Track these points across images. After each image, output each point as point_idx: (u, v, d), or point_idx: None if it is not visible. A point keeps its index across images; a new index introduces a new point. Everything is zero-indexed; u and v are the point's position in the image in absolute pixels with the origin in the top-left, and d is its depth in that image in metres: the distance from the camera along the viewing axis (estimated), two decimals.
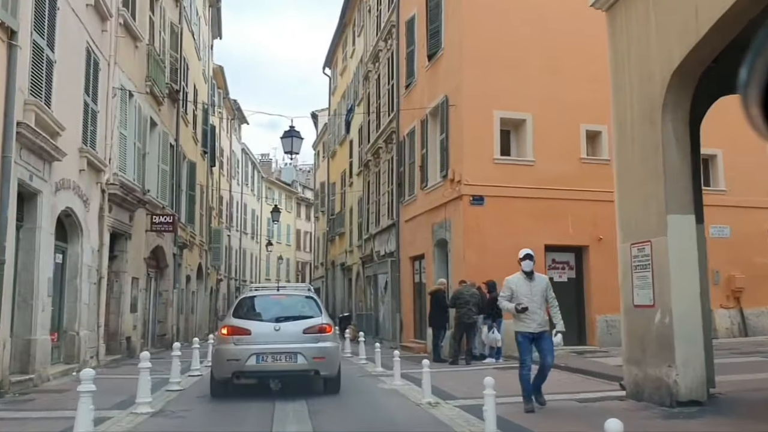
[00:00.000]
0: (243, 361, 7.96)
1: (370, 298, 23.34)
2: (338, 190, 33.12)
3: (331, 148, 35.46)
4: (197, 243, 26.06)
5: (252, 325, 8.34)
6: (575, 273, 15.65)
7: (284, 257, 54.87)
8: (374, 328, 21.62)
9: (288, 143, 14.17)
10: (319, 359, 8.17)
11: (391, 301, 19.87)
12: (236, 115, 42.61)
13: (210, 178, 31.03)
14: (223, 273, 38.20)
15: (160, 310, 19.50)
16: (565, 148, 15.33)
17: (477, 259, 14.53)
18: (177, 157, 20.65)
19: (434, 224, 16.46)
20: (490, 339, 13.21)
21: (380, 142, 22.13)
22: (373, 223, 23.58)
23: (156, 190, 17.70)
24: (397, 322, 19.47)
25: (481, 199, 14.74)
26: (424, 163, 17.35)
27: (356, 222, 27.80)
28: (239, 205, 44.70)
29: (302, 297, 9.30)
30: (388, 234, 21.03)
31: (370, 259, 23.62)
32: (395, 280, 19.75)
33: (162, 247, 18.67)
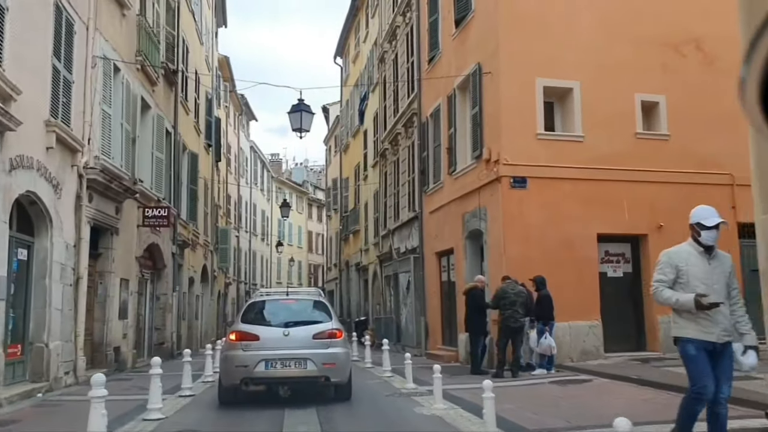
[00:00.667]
0: (251, 368, 7.78)
1: (389, 300, 21.24)
2: (352, 186, 31.05)
3: (343, 142, 33.41)
4: (201, 243, 24.08)
5: (260, 330, 8.13)
6: (631, 266, 13.45)
7: (296, 260, 52.91)
8: (395, 334, 19.51)
9: (296, 119, 12.11)
10: (329, 365, 7.96)
11: (414, 303, 17.75)
12: (244, 110, 40.69)
13: (215, 174, 29.09)
14: (232, 276, 36.25)
15: (158, 316, 17.51)
16: (618, 121, 13.16)
17: (519, 252, 12.40)
18: (175, 147, 18.67)
19: (465, 213, 14.34)
20: (543, 346, 11.05)
21: (399, 127, 20.05)
22: (391, 218, 21.49)
23: (150, 181, 15.71)
24: (421, 326, 17.35)
25: (524, 181, 12.61)
26: (452, 145, 15.23)
27: (372, 218, 25.72)
28: (248, 206, 42.77)
29: (312, 301, 9.05)
30: (410, 228, 18.93)
31: (388, 258, 21.53)
32: (419, 279, 17.64)
33: (158, 245, 16.67)
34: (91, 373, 11.63)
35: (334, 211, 36.79)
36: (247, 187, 42.31)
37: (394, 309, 20.26)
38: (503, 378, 10.75)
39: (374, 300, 25.31)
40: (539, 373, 11.03)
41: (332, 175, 37.66)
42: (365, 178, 27.27)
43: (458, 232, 14.70)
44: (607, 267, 13.24)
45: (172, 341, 18.28)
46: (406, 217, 19.29)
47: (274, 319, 8.51)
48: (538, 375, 10.93)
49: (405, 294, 18.78)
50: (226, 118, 34.40)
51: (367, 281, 26.88)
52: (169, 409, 7.99)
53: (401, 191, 20.03)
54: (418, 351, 17.33)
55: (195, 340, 22.91)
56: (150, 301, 17.13)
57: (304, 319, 8.43)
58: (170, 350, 18.03)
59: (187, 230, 20.80)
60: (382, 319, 21.66)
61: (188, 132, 21.27)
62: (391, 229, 21.23)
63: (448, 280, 15.89)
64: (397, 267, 19.81)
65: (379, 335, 21.37)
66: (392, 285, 20.63)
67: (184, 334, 20.81)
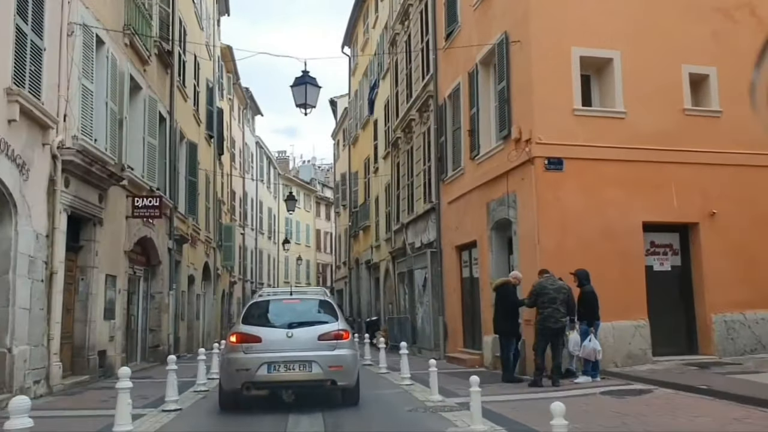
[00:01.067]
0: (253, 371, 7.42)
1: (403, 299, 19.76)
2: (361, 180, 29.60)
3: (352, 134, 31.96)
4: (202, 239, 22.69)
5: (263, 331, 7.74)
6: (680, 259, 11.91)
7: (304, 259, 51.51)
8: (410, 335, 18.02)
9: (301, 93, 10.63)
10: (336, 368, 7.59)
11: (431, 302, 16.26)
12: (249, 104, 39.28)
13: (218, 168, 27.71)
14: (238, 275, 34.88)
15: (153, 317, 16.10)
16: (664, 96, 11.63)
17: (555, 243, 10.89)
18: (172, 134, 17.27)
19: (491, 202, 12.84)
20: (587, 350, 9.53)
21: (413, 113, 18.57)
22: (404, 211, 20.01)
23: (141, 168, 14.31)
24: (439, 327, 15.86)
25: (560, 162, 11.10)
26: (474, 126, 13.73)
27: (383, 213, 24.26)
28: (254, 203, 41.40)
29: (317, 301, 8.63)
30: (426, 221, 17.45)
31: (402, 253, 20.06)
32: (436, 275, 16.15)
33: (151, 239, 15.26)
34: (70, 381, 10.34)
35: (343, 207, 35.36)
36: (253, 184, 40.95)
37: (409, 308, 18.78)
38: (542, 387, 9.25)
39: (386, 299, 23.83)
40: (583, 381, 9.51)
41: (341, 169, 36.21)
42: (375, 170, 25.81)
43: (482, 223, 13.20)
44: (653, 260, 11.70)
45: (169, 344, 16.87)
46: (421, 210, 17.81)
47: (277, 319, 8.09)
48: (583, 383, 9.42)
49: (421, 292, 17.29)
50: (230, 111, 33.04)
51: (379, 279, 25.42)
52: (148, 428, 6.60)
53: (416, 182, 18.55)
54: (436, 354, 15.84)
55: (196, 342, 21.52)
56: (143, 301, 15.73)
57: (308, 320, 8.01)
58: (167, 353, 16.61)
59: (186, 225, 19.41)
60: (396, 319, 20.19)
61: (187, 120, 19.88)
62: (404, 223, 19.76)
63: (470, 276, 14.40)
64: (411, 263, 18.32)
65: (393, 336, 19.92)
66: (406, 282, 19.15)
67: (183, 336, 19.42)
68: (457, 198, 14.77)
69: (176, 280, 18.04)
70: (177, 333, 18.32)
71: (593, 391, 8.51)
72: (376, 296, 26.29)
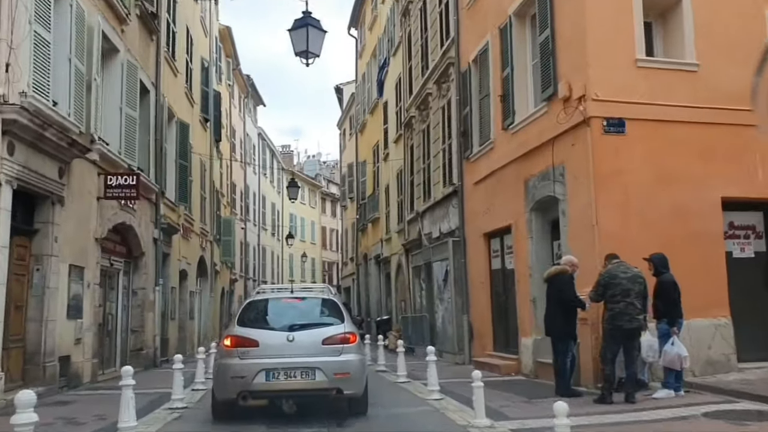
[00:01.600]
0: (249, 379, 6.65)
1: (419, 296, 17.69)
2: (370, 169, 27.53)
3: (359, 121, 29.89)
4: (197, 231, 20.68)
5: (260, 334, 6.99)
6: (765, 243, 9.80)
7: (309, 256, 49.51)
8: (428, 335, 15.95)
9: (301, 38, 8.57)
10: (342, 375, 6.78)
11: (453, 299, 14.18)
12: (250, 93, 37.24)
13: (216, 156, 25.72)
14: (239, 272, 32.91)
15: (135, 316, 14.08)
16: (744, 46, 9.50)
17: (617, 224, 8.81)
18: (158, 110, 15.26)
19: (530, 178, 10.76)
20: (670, 355, 7.42)
21: (429, 86, 16.51)
22: (419, 198, 17.96)
23: (118, 143, 12.29)
24: (463, 327, 13.79)
25: (621, 123, 9.01)
26: (508, 90, 11.65)
27: (394, 202, 22.20)
28: (256, 197, 39.42)
29: (320, 300, 7.82)
30: (445, 207, 15.39)
31: (417, 245, 18.00)
32: (459, 268, 14.07)
33: (131, 226, 13.24)
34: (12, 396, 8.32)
35: (350, 200, 33.29)
36: (254, 177, 38.98)
37: (427, 306, 16.70)
38: (612, 404, 7.17)
39: (399, 296, 21.77)
40: (664, 396, 7.42)
41: (347, 160, 34.12)
42: (386, 157, 23.74)
43: (518, 204, 11.13)
44: (733, 244, 9.59)
45: (155, 346, 14.83)
46: (440, 195, 15.74)
47: (276, 321, 7.40)
48: (664, 399, 7.34)
49: (441, 287, 15.21)
50: (230, 98, 31.05)
51: (390, 275, 23.36)
52: None
53: (433, 164, 16.48)
54: (459, 358, 13.80)
55: (190, 344, 19.52)
56: (124, 297, 13.72)
57: (311, 321, 7.28)
58: (152, 357, 14.62)
59: (177, 213, 17.39)
60: (411, 319, 18.10)
61: (177, 97, 17.87)
62: (419, 212, 17.70)
63: (502, 267, 12.32)
64: (429, 255, 16.24)
65: (407, 337, 17.88)
66: (423, 277, 17.07)
67: (174, 337, 17.39)
68: (485, 177, 12.70)
69: (164, 275, 16.01)
70: (165, 334, 16.29)
71: (691, 412, 6.42)
72: (387, 293, 24.23)
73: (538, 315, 10.45)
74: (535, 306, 10.54)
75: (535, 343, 10.38)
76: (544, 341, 10.31)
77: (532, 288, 10.63)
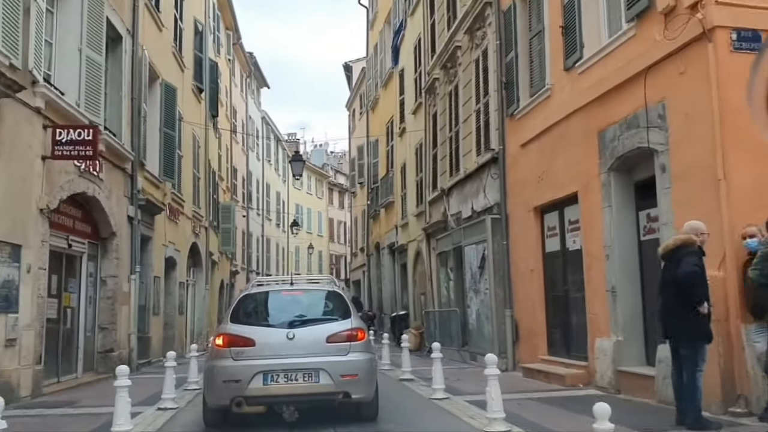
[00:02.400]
0: (245, 383, 5.92)
1: (445, 288, 15.10)
2: (383, 148, 24.92)
3: (371, 97, 27.26)
4: (188, 214, 18.17)
5: (257, 332, 6.24)
6: None
7: (315, 248, 47.01)
8: (458, 334, 13.36)
9: None
10: (350, 377, 6.04)
11: (493, 290, 11.56)
12: (253, 72, 34.67)
13: (215, 134, 23.22)
14: (240, 264, 30.43)
15: (104, 310, 11.56)
16: None
17: (753, 177, 6.19)
18: (135, 63, 12.72)
19: (606, 128, 8.14)
20: None
21: (459, 37, 13.89)
22: (444, 174, 15.37)
23: (76, 93, 9.76)
24: (506, 325, 11.19)
25: (757, 37, 6.38)
26: (573, 19, 9.00)
27: (412, 183, 19.60)
28: (260, 185, 36.91)
29: (324, 292, 7.06)
30: (479, 180, 12.79)
31: (441, 228, 15.41)
32: (501, 252, 11.47)
33: (96, 199, 10.70)
34: None
35: (360, 185, 30.70)
36: (258, 163, 36.47)
37: (455, 299, 14.08)
38: None
39: (418, 288, 19.19)
40: None
41: (357, 142, 31.50)
42: (402, 132, 21.13)
43: (589, 163, 8.51)
44: None
45: (130, 347, 12.32)
46: (472, 166, 13.12)
47: (274, 316, 6.68)
48: None
49: (476, 276, 12.58)
50: (230, 75, 28.53)
51: (406, 265, 20.77)
52: None
53: (463, 131, 13.88)
54: (501, 363, 11.16)
55: (179, 342, 17.03)
56: (89, 288, 11.21)
57: (314, 317, 6.57)
58: (127, 359, 12.11)
59: (161, 191, 14.86)
60: (435, 314, 15.47)
61: (162, 55, 15.33)
62: (444, 189, 15.10)
63: (562, 248, 9.70)
64: (459, 238, 13.63)
65: (429, 335, 15.33)
66: (451, 265, 14.46)
67: (157, 336, 14.87)
68: (537, 135, 10.08)
69: (144, 262, 13.52)
70: (146, 331, 13.78)
71: None
72: (403, 286, 21.65)
73: (618, 309, 7.88)
74: (614, 298, 7.95)
75: (617, 347, 7.79)
76: (627, 344, 7.74)
77: (610, 274, 8.04)
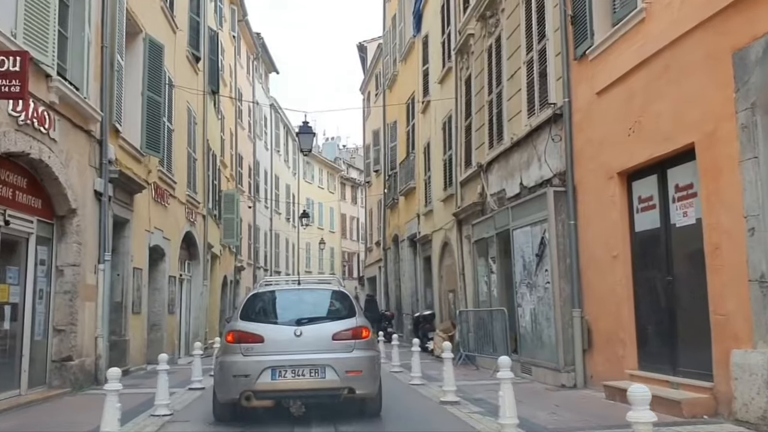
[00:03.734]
0: (254, 378, 6.30)
1: (482, 283, 12.56)
2: (402, 129, 22.41)
3: (388, 75, 24.73)
4: (181, 198, 15.77)
5: (265, 329, 6.61)
6: None
7: (327, 245, 44.58)
8: (503, 341, 10.76)
9: None
10: (355, 373, 6.41)
11: (556, 284, 8.96)
12: (260, 54, 32.23)
13: (217, 116, 20.85)
14: (247, 259, 28.07)
15: (61, 307, 9.13)
16: None
17: None
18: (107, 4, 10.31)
19: (747, 44, 5.55)
20: None
21: None
22: (482, 146, 12.86)
23: (12, 20, 7.35)
24: (573, 328, 8.61)
25: None
26: None
27: (439, 163, 17.07)
28: (269, 176, 34.55)
29: (330, 292, 7.38)
30: (531, 147, 10.23)
31: (478, 212, 12.89)
32: (567, 234, 8.90)
33: (45, 164, 8.25)
34: None
35: (375, 173, 28.21)
36: (266, 153, 34.10)
37: (499, 296, 11.51)
38: None
39: (445, 285, 16.67)
40: None
41: (372, 126, 28.99)
42: (424, 108, 18.62)
43: (718, 100, 5.95)
44: None
45: (97, 353, 9.86)
46: (522, 131, 10.58)
47: (282, 314, 7.05)
48: None
49: (531, 267, 9.95)
50: (235, 53, 26.17)
51: (430, 258, 18.25)
52: None
53: (508, 90, 11.34)
54: (567, 377, 8.67)
55: (169, 345, 14.62)
56: (39, 279, 8.80)
57: (320, 315, 6.98)
58: (93, 369, 9.70)
59: (143, 165, 12.45)
60: (472, 315, 12.86)
61: (147, 7, 12.92)
62: (482, 165, 12.59)
63: (665, 224, 7.11)
64: (505, 220, 11.06)
65: (462, 340, 12.87)
66: (492, 255, 11.90)
67: (138, 338, 12.44)
68: (624, 76, 7.52)
69: (121, 250, 11.12)
70: (123, 334, 11.36)
71: None
72: (427, 282, 19.13)
73: None
74: (766, 292, 5.42)
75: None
76: None
77: (757, 256, 5.50)
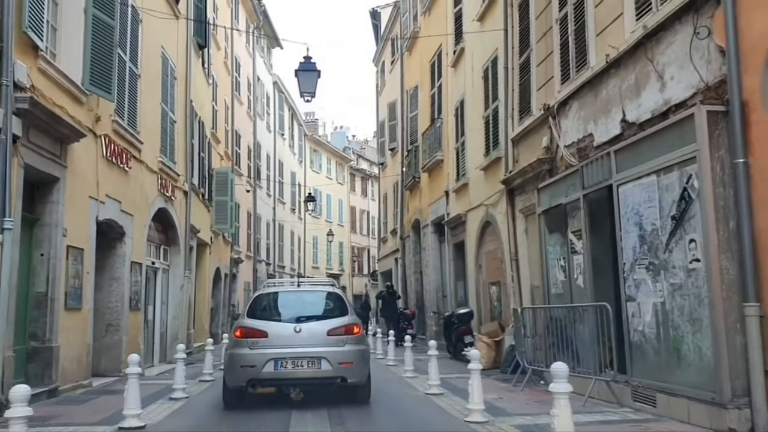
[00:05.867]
0: (259, 368, 7.29)
1: (557, 270, 9.03)
2: (425, 95, 18.92)
3: (407, 35, 21.21)
4: (149, 164, 12.41)
5: (269, 326, 7.65)
6: None
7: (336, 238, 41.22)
8: (596, 353, 7.30)
9: None
10: (346, 364, 7.43)
11: (714, 261, 5.47)
12: (262, 24, 28.76)
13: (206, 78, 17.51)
14: (245, 251, 24.76)
15: None
16: None
17: None
18: None
19: None
20: None
21: None
22: (551, 82, 9.41)
23: None
24: (745, 335, 5.17)
25: None
26: None
27: (478, 122, 13.56)
28: (271, 161, 31.21)
29: (326, 293, 8.45)
30: (641, 62, 6.75)
31: (546, 172, 9.43)
32: (731, 179, 5.45)
33: None
34: None
35: (391, 152, 24.75)
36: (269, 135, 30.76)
37: (587, 287, 7.97)
38: None
39: (485, 276, 13.19)
40: None
41: (387, 99, 25.51)
42: (456, 60, 15.14)
43: None
44: None
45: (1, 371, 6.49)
46: (625, 41, 7.10)
47: (284, 313, 8.06)
48: None
49: (656, 239, 6.38)
50: (232, 17, 22.80)
51: (463, 245, 14.76)
52: None
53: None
54: (739, 417, 5.17)
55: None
56: None
57: (317, 314, 7.97)
58: None
59: (85, 108, 9.05)
60: (535, 314, 9.30)
61: None
62: (552, 107, 9.13)
63: None
64: (602, 174, 7.42)
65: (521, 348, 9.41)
66: (574, 228, 8.36)
67: (77, 344, 9.02)
68: None
69: (46, 220, 7.75)
70: (46, 338, 7.97)
71: None
72: (458, 275, 15.64)
73: None
74: None
75: None
76: None
77: None
